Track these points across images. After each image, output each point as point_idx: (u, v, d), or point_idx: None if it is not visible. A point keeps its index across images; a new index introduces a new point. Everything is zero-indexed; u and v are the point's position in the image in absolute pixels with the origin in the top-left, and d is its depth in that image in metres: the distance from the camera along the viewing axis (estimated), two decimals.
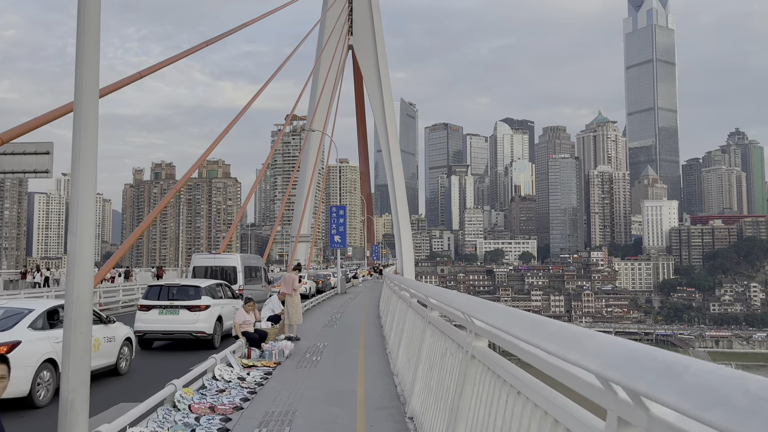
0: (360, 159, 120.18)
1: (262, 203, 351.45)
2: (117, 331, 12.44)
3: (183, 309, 15.58)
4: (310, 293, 36.69)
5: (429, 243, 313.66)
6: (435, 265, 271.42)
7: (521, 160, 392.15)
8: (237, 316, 14.22)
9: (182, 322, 15.48)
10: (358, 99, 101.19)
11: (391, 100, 75.70)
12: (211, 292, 16.62)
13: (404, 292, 12.33)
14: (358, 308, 29.17)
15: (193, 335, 15.59)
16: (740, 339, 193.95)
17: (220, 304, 16.71)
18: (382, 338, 16.79)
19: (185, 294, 15.96)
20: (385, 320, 18.82)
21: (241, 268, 23.38)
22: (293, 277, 17.25)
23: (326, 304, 31.77)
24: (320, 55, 59.82)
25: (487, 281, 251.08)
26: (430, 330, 7.65)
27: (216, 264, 23.48)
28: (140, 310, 15.88)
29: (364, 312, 26.47)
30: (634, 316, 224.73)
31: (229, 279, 22.56)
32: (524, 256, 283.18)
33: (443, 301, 6.85)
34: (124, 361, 12.69)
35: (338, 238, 44.08)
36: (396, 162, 72.64)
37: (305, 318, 22.41)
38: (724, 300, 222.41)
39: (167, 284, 16.89)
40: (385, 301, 22.26)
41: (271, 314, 16.65)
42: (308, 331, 18.53)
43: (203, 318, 15.62)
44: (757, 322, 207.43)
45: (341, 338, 17.43)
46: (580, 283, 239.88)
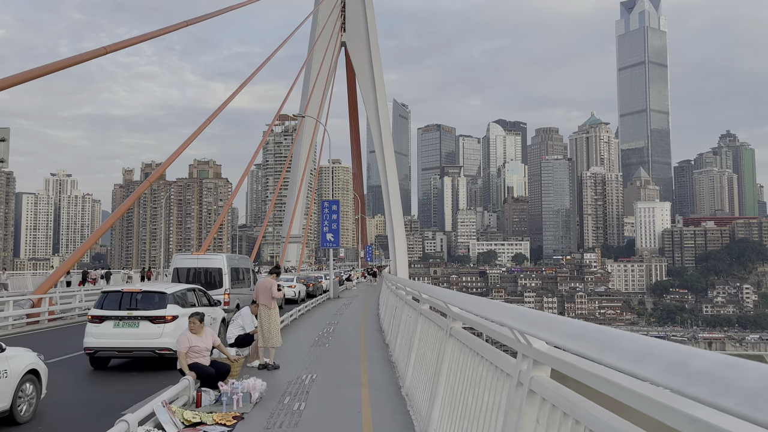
0: (353, 158, 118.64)
1: (254, 204, 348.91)
2: (12, 363, 9.11)
3: (144, 320, 12.80)
4: (299, 298, 34.03)
5: (422, 244, 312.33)
6: (428, 266, 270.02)
7: (514, 161, 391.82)
8: (180, 341, 10.19)
9: (143, 337, 12.68)
10: (350, 98, 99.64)
11: (385, 97, 74.21)
12: (181, 299, 13.76)
13: (425, 305, 9.18)
14: (355, 317, 25.61)
15: (156, 353, 12.74)
16: (733, 341, 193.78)
17: (191, 313, 14.32)
18: (391, 366, 12.92)
19: (148, 302, 13.16)
20: (391, 338, 15.03)
21: (227, 270, 21.18)
22: (270, 284, 12.92)
23: (317, 312, 27.99)
24: (312, 48, 58.14)
25: (480, 283, 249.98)
26: None
27: (199, 265, 21.35)
28: (91, 322, 12.98)
29: (362, 323, 22.98)
30: (627, 317, 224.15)
31: (214, 281, 20.60)
32: (517, 257, 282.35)
33: None
34: (25, 403, 9.28)
35: (331, 237, 39.55)
36: (389, 159, 71.08)
37: (291, 331, 19.55)
38: (716, 302, 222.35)
39: (125, 290, 13.65)
40: (387, 308, 18.89)
41: (240, 334, 13.09)
42: (291, 353, 14.68)
43: (169, 331, 12.71)
44: (749, 324, 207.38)
45: (336, 366, 13.29)
46: (573, 284, 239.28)
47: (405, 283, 14.10)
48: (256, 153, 32.72)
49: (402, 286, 14.10)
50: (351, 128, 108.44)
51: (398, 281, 16.53)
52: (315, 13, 73.47)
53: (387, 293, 22.01)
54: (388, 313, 18.15)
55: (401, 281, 15.53)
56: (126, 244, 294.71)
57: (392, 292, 17.12)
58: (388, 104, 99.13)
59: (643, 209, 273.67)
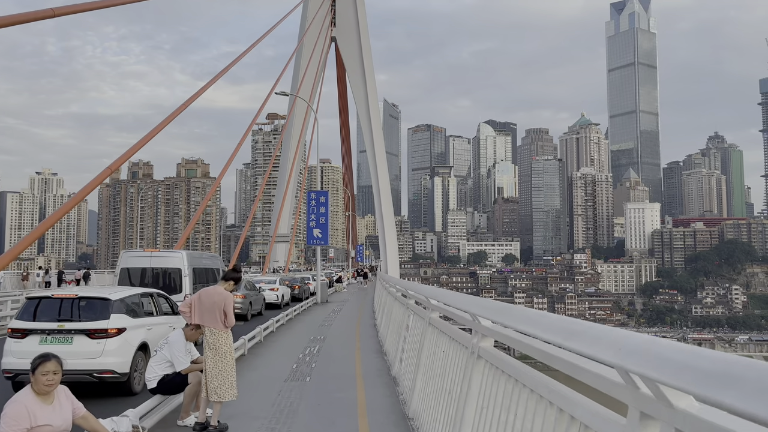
0: (343, 157, 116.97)
1: (243, 204, 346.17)
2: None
3: (79, 335, 9.85)
4: (282, 302, 30.45)
5: (412, 245, 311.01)
6: (418, 266, 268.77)
7: (504, 162, 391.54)
8: (7, 418, 4.89)
9: (78, 356, 9.65)
10: (341, 96, 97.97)
11: (376, 92, 72.64)
12: (131, 306, 10.75)
13: (435, 314, 7.79)
14: (346, 330, 21.05)
15: (94, 376, 9.82)
16: (722, 342, 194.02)
17: (145, 325, 10.85)
18: (406, 421, 8.33)
19: (86, 311, 10.15)
20: (403, 371, 10.26)
21: (187, 271, 17.48)
22: (223, 297, 8.14)
23: (300, 322, 23.63)
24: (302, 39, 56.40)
25: (470, 283, 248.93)
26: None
27: (153, 265, 17.74)
28: (11, 337, 10.00)
29: (356, 337, 18.50)
30: (617, 318, 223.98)
31: (173, 285, 17.15)
32: (507, 258, 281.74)
33: None
34: None
35: (318, 233, 34.79)
36: (380, 154, 69.55)
37: (260, 353, 15.17)
38: (706, 302, 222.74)
39: (56, 295, 10.49)
40: (391, 323, 14.48)
41: (167, 374, 8.52)
42: (252, 396, 10.00)
43: (113, 348, 9.87)
44: (739, 324, 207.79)
45: (321, 422, 8.64)
46: (563, 285, 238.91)
47: (420, 290, 9.67)
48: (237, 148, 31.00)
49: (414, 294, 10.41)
50: (341, 127, 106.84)
51: (404, 286, 12.66)
52: (304, 8, 71.74)
53: (384, 298, 18.97)
54: (392, 329, 13.99)
55: (411, 287, 11.59)
56: (112, 244, 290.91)
57: (398, 301, 13.41)
58: (378, 102, 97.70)
59: (633, 210, 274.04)
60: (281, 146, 77.22)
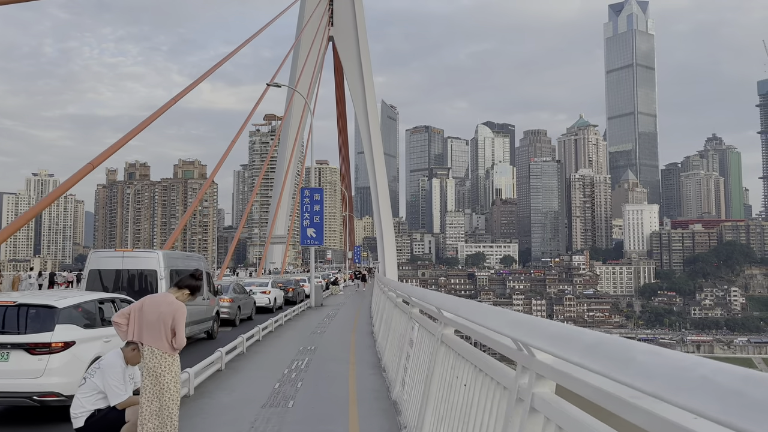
0: (340, 159, 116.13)
1: (240, 205, 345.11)
2: None
3: (17, 350, 8.14)
4: (275, 306, 29.09)
5: (410, 246, 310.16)
6: (416, 268, 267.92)
7: (502, 163, 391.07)
8: None
9: (14, 375, 8.03)
10: (338, 97, 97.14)
11: (374, 91, 71.83)
12: (85, 315, 9.11)
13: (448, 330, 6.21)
14: (341, 339, 19.03)
15: (35, 399, 8.08)
16: (721, 344, 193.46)
17: (102, 336, 9.11)
18: None
19: (26, 321, 8.45)
20: (402, 391, 9.08)
21: (163, 273, 15.54)
22: (173, 309, 6.46)
23: (290, 329, 21.57)
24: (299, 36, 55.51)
25: (469, 285, 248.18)
26: None
27: (126, 266, 15.76)
28: None
29: (351, 349, 16.53)
30: (616, 320, 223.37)
31: (148, 288, 15.33)
32: (505, 259, 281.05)
33: None
34: None
35: (312, 232, 32.52)
36: (378, 153, 68.77)
37: (239, 367, 13.09)
38: (704, 304, 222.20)
39: None
40: (390, 334, 12.52)
41: (97, 409, 6.68)
42: (220, 424, 8.54)
43: (58, 366, 8.18)
44: (738, 326, 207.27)
45: None
46: (562, 287, 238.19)
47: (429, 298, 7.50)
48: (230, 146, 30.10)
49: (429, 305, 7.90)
50: (339, 128, 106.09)
51: (407, 292, 10.08)
52: (301, 7, 70.91)
53: (383, 304, 16.97)
54: (392, 341, 11.96)
55: (415, 293, 9.16)
56: (109, 245, 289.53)
57: (398, 308, 11.53)
58: (376, 102, 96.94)
59: (632, 211, 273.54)
60: (277, 146, 76.35)
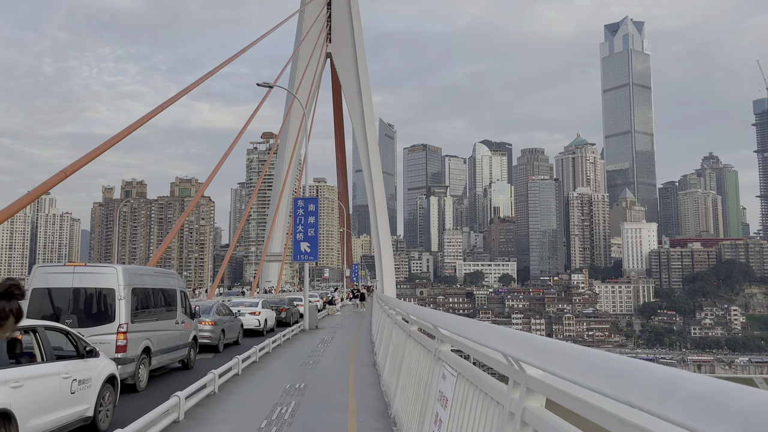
0: (338, 176, 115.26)
1: (238, 224, 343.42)
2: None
3: None
4: (265, 328, 27.06)
5: (408, 264, 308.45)
6: (414, 287, 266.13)
7: (500, 181, 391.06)
8: None
9: None
10: (336, 115, 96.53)
11: (372, 107, 71.12)
12: None
13: None
14: (337, 372, 15.75)
15: None
16: (722, 364, 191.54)
17: (6, 381, 6.91)
18: None
19: None
20: None
21: (123, 292, 12.75)
22: None
23: (278, 358, 18.42)
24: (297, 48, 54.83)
25: (467, 304, 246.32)
26: None
27: (77, 284, 12.81)
28: None
29: (350, 387, 13.21)
30: (616, 339, 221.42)
31: (105, 310, 12.69)
32: (504, 278, 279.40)
33: None
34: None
35: (307, 246, 29.52)
36: (376, 171, 67.74)
37: (201, 418, 10.05)
38: (704, 324, 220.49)
39: None
40: (398, 364, 10.07)
41: None
42: None
43: None
44: (738, 346, 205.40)
45: None
46: (561, 306, 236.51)
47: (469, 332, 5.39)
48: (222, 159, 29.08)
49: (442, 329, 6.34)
50: (337, 145, 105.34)
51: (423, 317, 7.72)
52: (299, 23, 70.47)
53: (389, 331, 13.55)
54: (404, 381, 8.96)
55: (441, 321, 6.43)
56: (105, 263, 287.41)
57: (412, 338, 8.81)
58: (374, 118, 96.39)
59: (630, 230, 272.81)
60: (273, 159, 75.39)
